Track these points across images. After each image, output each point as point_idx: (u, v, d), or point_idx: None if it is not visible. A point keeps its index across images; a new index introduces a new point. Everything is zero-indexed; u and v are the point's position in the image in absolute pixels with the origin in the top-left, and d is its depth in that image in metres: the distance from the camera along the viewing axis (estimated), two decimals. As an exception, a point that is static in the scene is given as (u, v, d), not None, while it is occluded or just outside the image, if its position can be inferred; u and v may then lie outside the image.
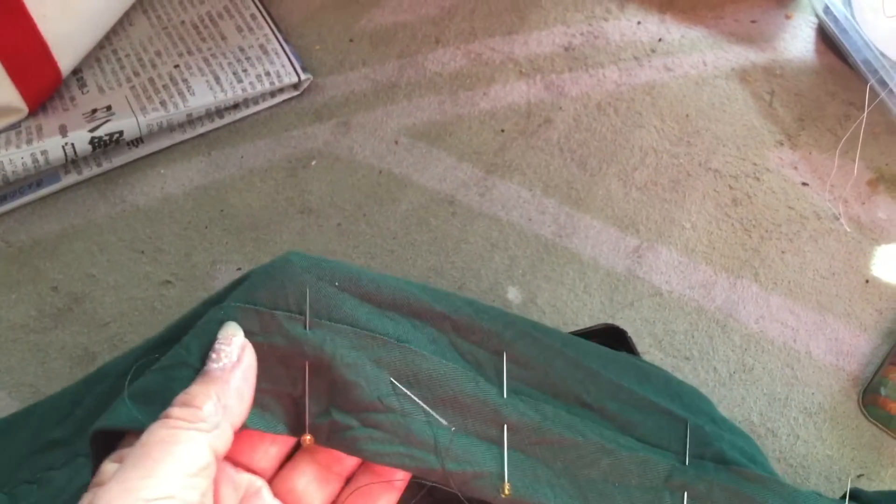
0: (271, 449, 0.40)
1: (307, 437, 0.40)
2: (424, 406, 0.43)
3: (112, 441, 0.39)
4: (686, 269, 0.76)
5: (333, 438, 0.41)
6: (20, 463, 0.54)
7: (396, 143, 0.84)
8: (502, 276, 0.76)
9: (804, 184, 0.81)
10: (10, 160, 0.76)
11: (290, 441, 0.42)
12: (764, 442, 0.67)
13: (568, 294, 0.74)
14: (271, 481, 0.41)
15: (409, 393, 0.42)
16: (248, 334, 0.40)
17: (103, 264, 0.76)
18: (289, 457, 0.42)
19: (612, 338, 0.63)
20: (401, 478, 0.42)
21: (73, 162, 0.80)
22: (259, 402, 0.40)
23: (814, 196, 0.80)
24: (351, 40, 0.91)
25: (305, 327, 0.41)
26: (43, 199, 0.80)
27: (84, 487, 0.34)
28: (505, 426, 0.44)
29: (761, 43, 0.91)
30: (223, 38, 0.88)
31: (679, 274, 0.75)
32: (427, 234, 0.78)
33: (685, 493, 0.46)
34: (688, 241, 0.77)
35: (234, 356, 0.37)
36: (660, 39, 0.91)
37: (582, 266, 0.76)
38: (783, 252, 0.77)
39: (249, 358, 0.37)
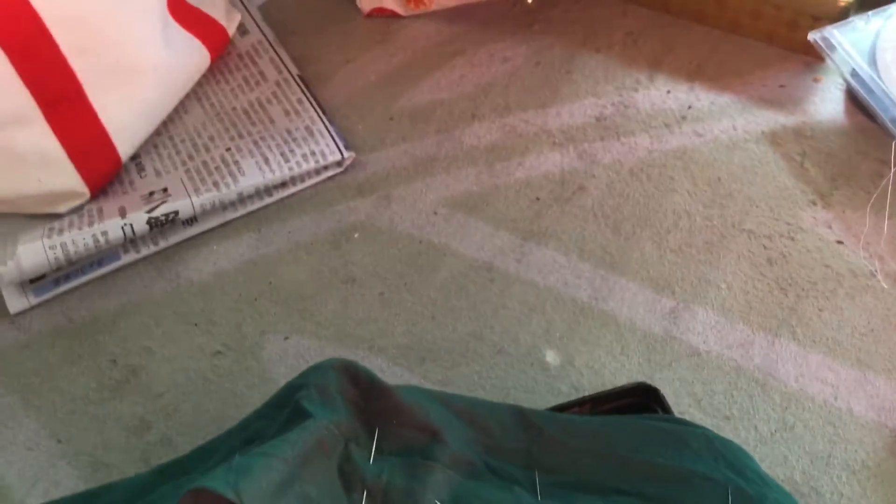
0: None
1: None
2: None
3: None
4: (723, 328, 0.76)
5: None
6: None
7: (436, 213, 0.87)
8: (540, 339, 0.77)
9: (839, 242, 0.81)
10: (73, 241, 0.81)
11: None
12: (808, 501, 0.66)
13: (605, 356, 0.76)
14: None
15: None
16: (321, 447, 0.48)
17: (159, 337, 0.80)
18: None
19: (646, 396, 0.64)
20: None
21: (131, 241, 0.85)
22: None
23: (849, 254, 0.80)
24: (391, 118, 0.96)
25: (370, 459, 0.49)
26: (103, 277, 0.84)
27: None
28: None
29: (790, 106, 0.93)
30: (271, 121, 0.94)
31: (716, 334, 0.76)
32: (466, 300, 0.81)
33: None
34: (724, 301, 0.78)
35: None
36: (689, 107, 0.93)
37: (619, 328, 0.77)
38: (820, 310, 0.77)
39: None
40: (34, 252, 0.80)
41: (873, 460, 0.68)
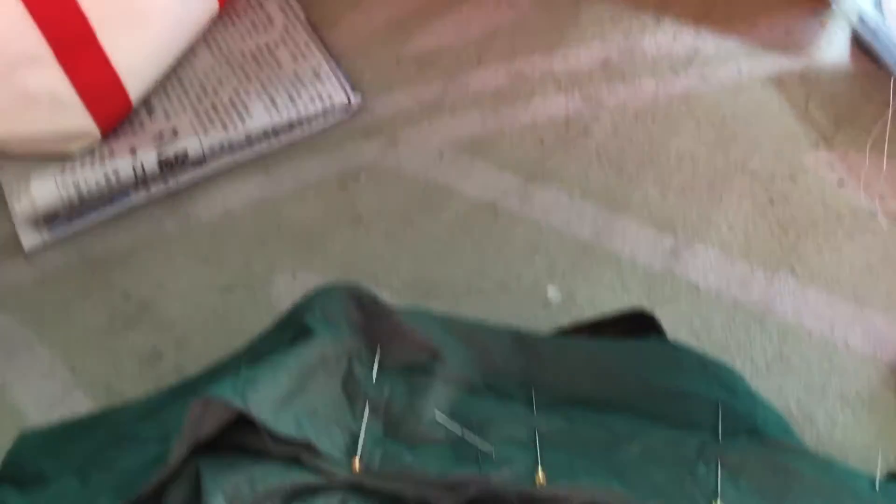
0: None
1: (357, 463, 0.47)
2: (467, 434, 0.49)
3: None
4: (723, 266, 0.78)
5: (385, 463, 0.48)
6: (94, 455, 0.58)
7: (441, 156, 0.88)
8: (542, 276, 0.79)
9: (840, 183, 0.82)
10: (85, 179, 0.82)
11: None
12: (801, 429, 0.68)
13: (606, 292, 0.77)
14: None
15: (452, 424, 0.49)
16: (325, 362, 0.50)
17: (170, 273, 0.82)
18: None
19: (643, 322, 0.65)
20: None
21: (142, 181, 0.86)
22: (326, 429, 0.47)
23: (850, 194, 0.81)
24: (398, 63, 0.97)
25: (372, 378, 0.51)
26: (115, 215, 0.86)
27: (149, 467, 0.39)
28: (536, 430, 0.49)
29: (796, 50, 0.93)
30: (279, 64, 0.94)
31: (716, 271, 0.77)
32: (470, 239, 0.82)
33: (718, 463, 0.48)
34: (725, 240, 0.79)
35: None
36: (695, 50, 0.94)
37: (620, 265, 0.79)
38: (820, 248, 0.78)
39: None
40: (48, 189, 0.82)
41: (867, 391, 0.70)
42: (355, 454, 0.48)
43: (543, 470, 0.47)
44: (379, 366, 0.53)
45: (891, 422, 0.68)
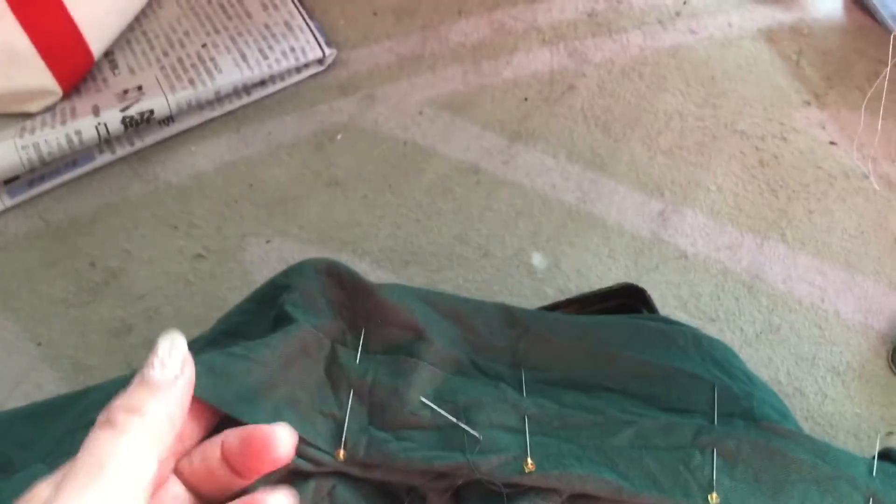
0: None
1: (341, 453, 0.45)
2: (454, 419, 0.46)
3: None
4: (712, 231, 0.76)
5: (370, 451, 0.45)
6: (62, 440, 0.56)
7: (421, 114, 0.85)
8: (527, 242, 0.76)
9: (832, 143, 0.80)
10: (46, 141, 0.78)
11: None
12: (791, 401, 0.67)
13: (592, 259, 0.75)
14: None
15: (438, 409, 0.46)
16: (306, 349, 0.47)
17: (138, 240, 0.78)
18: None
19: (632, 297, 0.63)
20: None
21: (106, 141, 0.82)
22: (309, 418, 0.45)
23: (842, 155, 0.79)
24: (374, 14, 0.92)
25: (356, 359, 0.48)
26: (78, 178, 0.82)
27: None
28: (525, 416, 0.47)
29: (788, 2, 0.89)
30: (249, 15, 0.90)
31: (705, 236, 0.75)
32: (452, 202, 0.79)
33: (714, 451, 0.47)
34: (714, 204, 0.77)
35: (178, 370, 0.34)
36: (684, 2, 0.90)
37: (606, 231, 0.76)
38: (811, 212, 0.76)
39: (190, 372, 0.35)
40: (6, 152, 0.77)
41: (858, 361, 0.68)
42: (340, 443, 0.46)
43: (533, 457, 0.45)
44: (362, 349, 0.51)
45: (882, 392, 0.67)
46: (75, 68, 0.84)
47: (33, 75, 0.81)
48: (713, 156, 0.80)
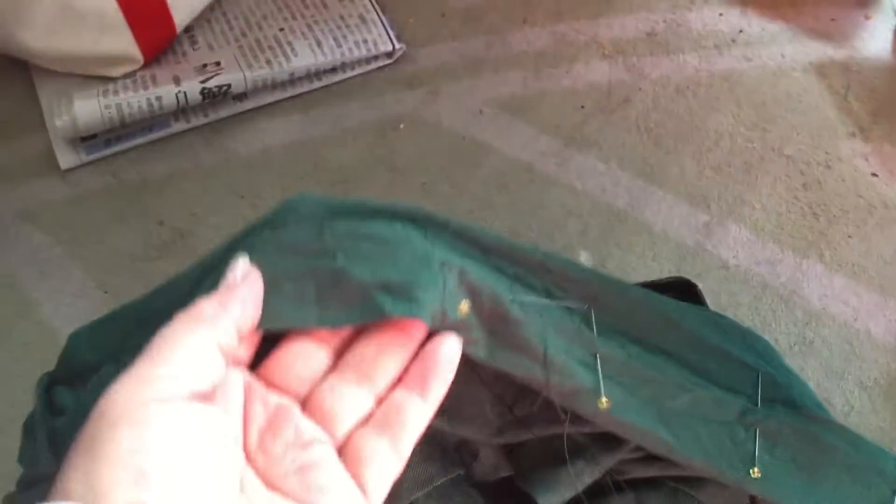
0: (303, 371, 0.40)
1: (467, 309, 0.42)
2: (550, 303, 0.45)
3: None
4: (754, 245, 0.79)
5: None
6: (127, 338, 0.57)
7: (481, 112, 0.89)
8: (575, 240, 0.80)
9: (874, 174, 0.83)
10: (129, 103, 0.82)
11: (324, 362, 0.41)
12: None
13: (637, 261, 0.78)
14: (303, 402, 0.40)
15: (532, 298, 0.45)
16: (384, 243, 0.43)
17: (206, 205, 0.82)
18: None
19: (683, 291, 0.66)
20: (437, 396, 0.40)
21: (182, 110, 0.86)
22: (411, 295, 0.40)
23: (883, 186, 0.82)
24: (443, 15, 0.96)
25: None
26: (153, 142, 0.86)
27: None
28: (598, 355, 0.47)
29: (839, 40, 0.93)
30: (325, 6, 0.94)
31: (746, 250, 0.79)
32: (506, 197, 0.83)
33: (757, 430, 0.50)
34: (757, 221, 0.80)
35: (238, 275, 0.38)
36: (740, 31, 0.94)
37: (652, 237, 0.80)
38: (849, 236, 0.79)
39: (254, 276, 0.38)
40: (90, 109, 0.81)
41: (885, 379, 0.71)
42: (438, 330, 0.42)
43: (607, 396, 0.45)
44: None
45: (906, 410, 0.70)
46: (158, 39, 0.89)
47: (119, 41, 0.85)
48: (759, 176, 0.83)
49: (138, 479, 0.28)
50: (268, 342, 0.41)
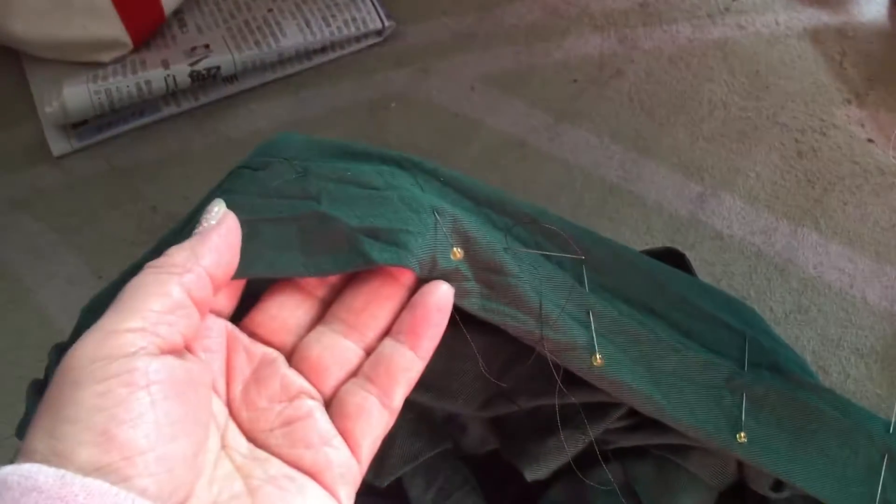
0: (289, 321, 0.39)
1: (460, 254, 0.41)
2: (548, 253, 0.44)
3: None
4: (748, 215, 0.78)
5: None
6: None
7: (472, 89, 0.88)
8: (567, 214, 0.78)
9: (870, 140, 0.82)
10: (118, 88, 0.82)
11: (311, 312, 0.40)
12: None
13: (631, 234, 0.78)
14: (289, 354, 0.39)
15: (527, 250, 0.44)
16: (368, 187, 0.42)
17: (198, 188, 0.82)
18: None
19: (672, 261, 0.65)
20: (429, 348, 0.39)
21: (172, 94, 0.86)
22: (398, 241, 0.39)
23: (878, 152, 0.81)
24: (433, -8, 0.96)
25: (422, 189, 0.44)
26: (144, 127, 0.86)
27: None
28: (590, 311, 0.46)
29: (834, 5, 0.92)
30: (313, -15, 0.94)
31: (741, 220, 0.78)
32: (498, 173, 0.82)
33: (744, 394, 0.49)
34: (751, 190, 0.80)
35: (213, 221, 0.36)
36: (734, -1, 0.93)
37: (646, 209, 0.79)
38: (845, 203, 0.78)
39: (230, 221, 0.36)
40: (79, 95, 0.81)
41: (882, 345, 0.71)
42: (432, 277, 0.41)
43: (601, 353, 0.44)
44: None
45: (902, 376, 0.69)
46: (147, 23, 0.88)
47: (108, 27, 0.85)
48: (754, 145, 0.82)
49: (102, 439, 0.27)
50: (254, 298, 0.41)
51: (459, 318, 0.42)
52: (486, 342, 0.48)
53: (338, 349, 0.38)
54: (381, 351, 0.38)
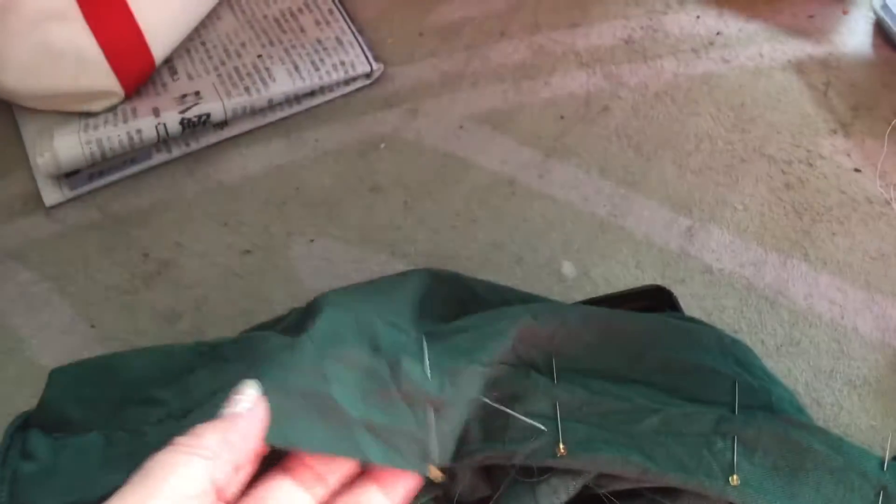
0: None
1: (439, 474, 0.45)
2: (522, 418, 0.49)
3: None
4: (737, 248, 0.79)
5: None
6: (117, 410, 0.58)
7: (461, 128, 0.89)
8: (558, 251, 0.80)
9: (857, 170, 0.83)
10: (109, 137, 0.83)
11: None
12: (809, 411, 0.69)
13: (621, 269, 0.78)
14: None
15: (505, 409, 0.49)
16: (375, 378, 0.46)
17: (190, 234, 0.83)
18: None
19: (660, 299, 0.66)
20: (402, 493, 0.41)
21: (164, 142, 0.87)
22: (391, 442, 0.43)
23: (866, 182, 0.82)
24: (420, 34, 0.97)
25: (428, 375, 0.48)
26: (136, 175, 0.87)
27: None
28: (556, 402, 0.50)
29: (818, 37, 0.93)
30: (302, 30, 0.95)
31: (730, 253, 0.78)
32: (488, 211, 0.83)
33: (735, 438, 0.50)
34: (740, 222, 0.80)
35: (247, 406, 0.37)
36: (718, 33, 0.94)
37: (635, 244, 0.80)
38: (834, 234, 0.79)
39: (261, 409, 0.38)
40: (70, 146, 0.82)
41: (874, 376, 0.71)
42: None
43: (564, 442, 0.48)
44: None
45: (896, 407, 0.69)
46: (138, 72, 0.89)
47: (99, 77, 0.86)
48: (741, 177, 0.83)
49: None
50: None
51: None
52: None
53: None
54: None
